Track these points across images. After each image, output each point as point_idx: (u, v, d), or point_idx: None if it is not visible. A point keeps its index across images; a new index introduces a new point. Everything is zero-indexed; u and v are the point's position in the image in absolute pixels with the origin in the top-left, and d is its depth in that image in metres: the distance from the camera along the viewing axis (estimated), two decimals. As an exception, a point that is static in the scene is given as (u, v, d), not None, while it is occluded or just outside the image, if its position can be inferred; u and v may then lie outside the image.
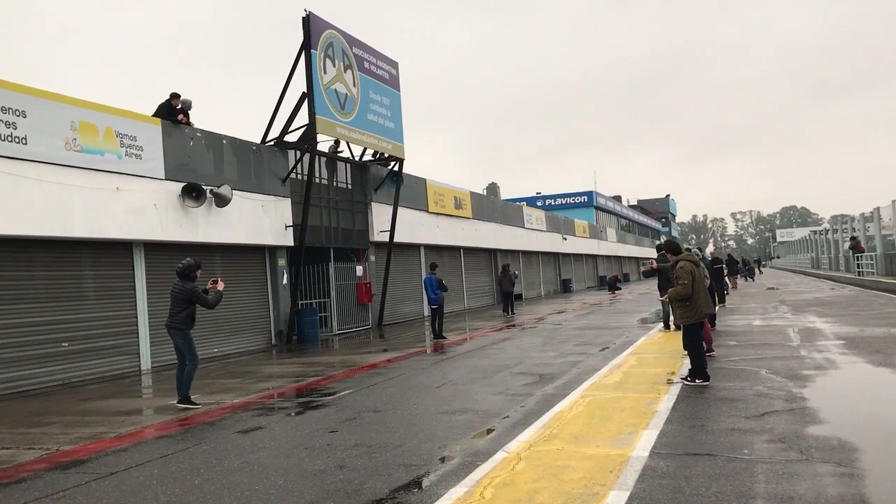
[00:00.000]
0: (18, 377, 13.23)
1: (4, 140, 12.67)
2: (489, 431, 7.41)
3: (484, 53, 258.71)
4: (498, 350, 15.11)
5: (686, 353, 11.91)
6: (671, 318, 16.45)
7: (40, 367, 13.68)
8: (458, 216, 32.38)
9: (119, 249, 15.61)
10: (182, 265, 10.56)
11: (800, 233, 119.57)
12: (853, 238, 36.02)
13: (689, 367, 9.75)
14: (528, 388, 9.94)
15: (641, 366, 11.38)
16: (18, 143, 12.91)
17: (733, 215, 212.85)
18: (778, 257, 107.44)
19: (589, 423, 7.40)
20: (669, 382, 9.51)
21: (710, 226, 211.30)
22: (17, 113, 12.94)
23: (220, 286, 10.63)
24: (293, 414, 9.27)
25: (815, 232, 71.51)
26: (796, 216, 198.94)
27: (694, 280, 9.63)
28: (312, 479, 5.98)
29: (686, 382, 9.40)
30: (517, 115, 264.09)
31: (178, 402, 10.38)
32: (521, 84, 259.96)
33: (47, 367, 13.81)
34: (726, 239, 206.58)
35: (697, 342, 9.74)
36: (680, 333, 15.89)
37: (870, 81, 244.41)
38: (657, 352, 12.99)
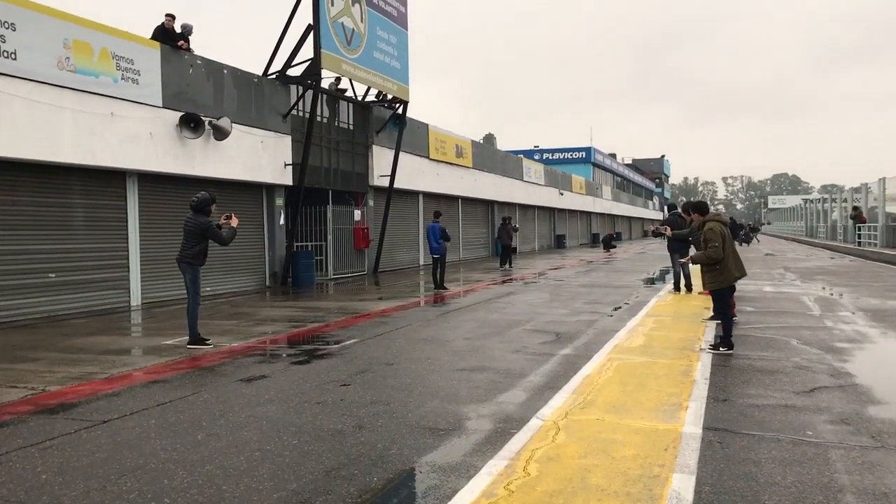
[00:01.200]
0: (1, 307, 12.53)
1: (-8, 54, 11.77)
2: (516, 394, 6.82)
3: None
4: (505, 304, 14.52)
5: (707, 319, 11.46)
6: (682, 280, 15.97)
7: (25, 297, 12.99)
8: (458, 165, 31.57)
9: (112, 178, 14.79)
10: (197, 199, 9.89)
11: (791, 200, 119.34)
12: (855, 208, 35.52)
13: (717, 333, 9.19)
14: (547, 348, 9.36)
15: (661, 329, 10.81)
16: (7, 57, 12.02)
17: (724, 180, 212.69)
18: (769, 223, 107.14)
19: (624, 391, 6.83)
20: (701, 349, 8.94)
21: (700, 189, 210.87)
22: (7, 25, 12.02)
23: (235, 222, 10.01)
24: (298, 362, 8.64)
25: (807, 200, 71.16)
26: (787, 184, 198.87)
27: (724, 242, 9.00)
28: (330, 440, 5.38)
29: (710, 350, 8.84)
30: (522, 66, 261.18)
31: (188, 343, 9.78)
32: (530, 34, 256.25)
33: (32, 298, 13.12)
34: (716, 203, 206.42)
35: (726, 308, 9.16)
36: (692, 296, 15.53)
37: (881, 49, 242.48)
38: (674, 315, 12.43)
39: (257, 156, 18.39)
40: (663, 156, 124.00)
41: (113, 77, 14.04)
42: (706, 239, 9.11)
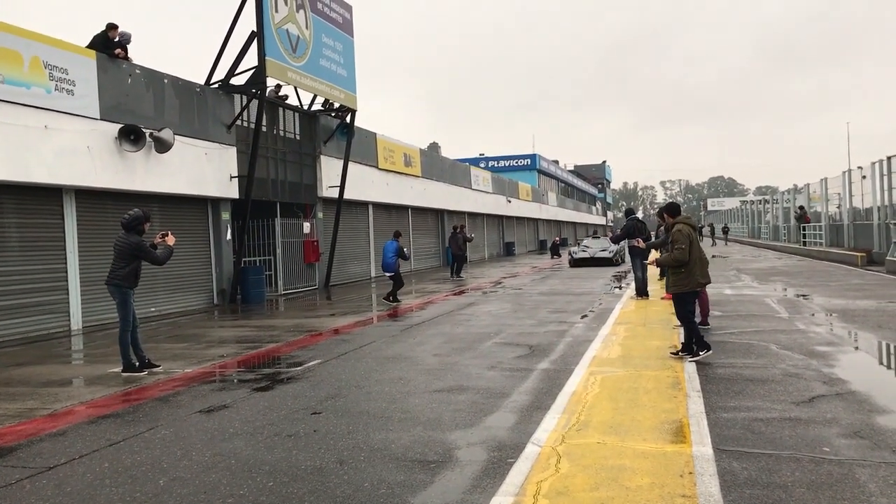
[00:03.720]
0: (-72, 338, 11.59)
1: (-89, 63, 10.86)
2: (503, 416, 6.34)
3: (446, 7, 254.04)
4: (468, 316, 14.05)
5: (677, 325, 11.16)
6: (648, 286, 15.75)
7: (-46, 326, 12.04)
8: (407, 174, 31.08)
9: (47, 195, 13.89)
10: (128, 216, 9.17)
11: (730, 202, 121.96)
12: (801, 208, 36.10)
13: (682, 340, 8.89)
14: (524, 362, 8.92)
15: (636, 337, 10.48)
16: (-72, 67, 11.12)
17: (662, 183, 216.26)
18: (709, 226, 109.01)
19: (617, 408, 6.41)
20: (677, 356, 8.60)
21: (640, 193, 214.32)
22: (-73, 32, 11.13)
23: (171, 240, 9.31)
24: (261, 388, 8.02)
25: (745, 202, 72.63)
26: (723, 186, 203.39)
27: (692, 245, 8.70)
28: (311, 481, 4.82)
29: (691, 359, 8.51)
30: (465, 75, 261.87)
31: (122, 371, 9.08)
32: (475, 45, 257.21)
33: (-38, 327, 12.17)
34: (655, 207, 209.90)
35: (690, 313, 8.84)
36: (654, 300, 15.28)
37: (838, 56, 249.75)
38: (644, 321, 12.13)
39: (201, 168, 17.61)
40: (604, 161, 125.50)
41: (46, 88, 13.17)
42: (673, 240, 8.81)
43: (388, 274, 17.56)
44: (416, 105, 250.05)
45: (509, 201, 49.36)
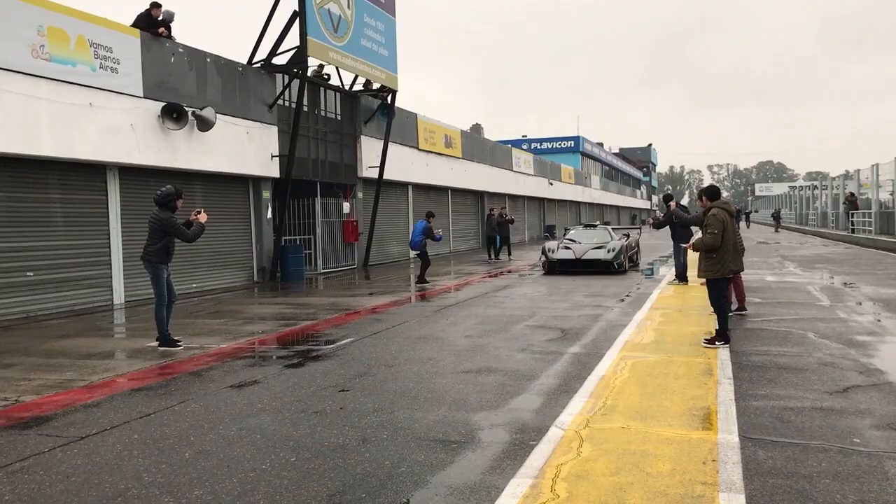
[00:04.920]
0: (-24, 309, 11.94)
1: (-39, 41, 11.12)
2: (529, 399, 6.33)
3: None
4: (503, 298, 14.02)
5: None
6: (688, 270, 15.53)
7: (1, 297, 12.37)
8: (447, 155, 31.01)
9: (91, 172, 14.17)
10: (160, 193, 9.35)
11: (778, 188, 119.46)
12: (851, 195, 35.22)
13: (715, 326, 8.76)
14: (555, 345, 8.87)
15: (670, 323, 10.36)
16: (-23, 45, 11.37)
17: (710, 168, 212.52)
18: (756, 211, 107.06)
19: (645, 393, 6.35)
20: (710, 344, 8.46)
21: (686, 177, 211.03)
22: (-24, 11, 11.37)
23: (203, 218, 9.45)
24: (292, 365, 8.12)
25: (794, 188, 71.06)
26: (772, 171, 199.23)
27: (725, 231, 8.53)
28: (332, 457, 4.87)
29: (706, 345, 8.39)
30: (516, 56, 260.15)
31: (158, 346, 9.26)
32: (522, 25, 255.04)
33: (9, 299, 12.51)
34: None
35: (722, 300, 8.69)
36: (694, 286, 15.05)
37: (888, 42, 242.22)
38: (681, 307, 11.98)
39: (243, 147, 17.78)
40: (650, 144, 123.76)
41: (91, 66, 13.40)
42: (706, 224, 8.68)
43: (414, 252, 17.74)
44: (460, 86, 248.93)
45: (551, 184, 49.03)
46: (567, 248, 19.34)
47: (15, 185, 12.74)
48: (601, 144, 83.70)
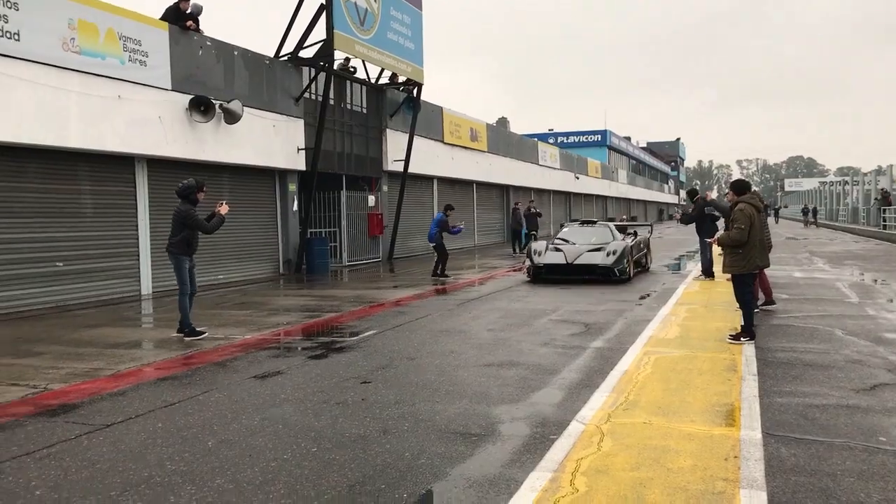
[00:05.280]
0: (8, 297, 12.13)
1: (-7, 34, 11.29)
2: (550, 393, 6.32)
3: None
4: (527, 293, 13.99)
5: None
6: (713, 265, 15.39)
7: (32, 287, 12.58)
8: (473, 148, 30.97)
9: (120, 164, 14.33)
10: (182, 185, 9.59)
11: (808, 183, 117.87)
12: (883, 191, 34.67)
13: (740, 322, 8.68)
14: (578, 340, 8.84)
15: (696, 318, 10.27)
16: (10, 38, 11.54)
17: (739, 162, 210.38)
18: (786, 206, 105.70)
19: (668, 389, 6.31)
20: (736, 340, 8.38)
21: (715, 172, 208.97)
22: (10, 4, 11.53)
23: (224, 210, 9.55)
24: (315, 356, 8.17)
25: (825, 183, 70.08)
26: (802, 166, 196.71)
27: (752, 226, 8.43)
28: (353, 448, 4.90)
29: (731, 341, 8.32)
30: (543, 50, 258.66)
31: (183, 335, 9.37)
32: (545, 21, 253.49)
33: (40, 288, 12.71)
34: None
35: (748, 295, 8.60)
36: (720, 282, 14.91)
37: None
38: (706, 303, 11.88)
39: (269, 140, 17.89)
40: (678, 139, 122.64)
41: (120, 59, 13.55)
42: (733, 219, 8.57)
43: (431, 245, 17.76)
44: (487, 80, 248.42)
45: (577, 178, 48.81)
46: (558, 249, 15.91)
47: (46, 177, 12.92)
48: (629, 138, 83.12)
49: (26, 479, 4.43)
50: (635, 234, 18.15)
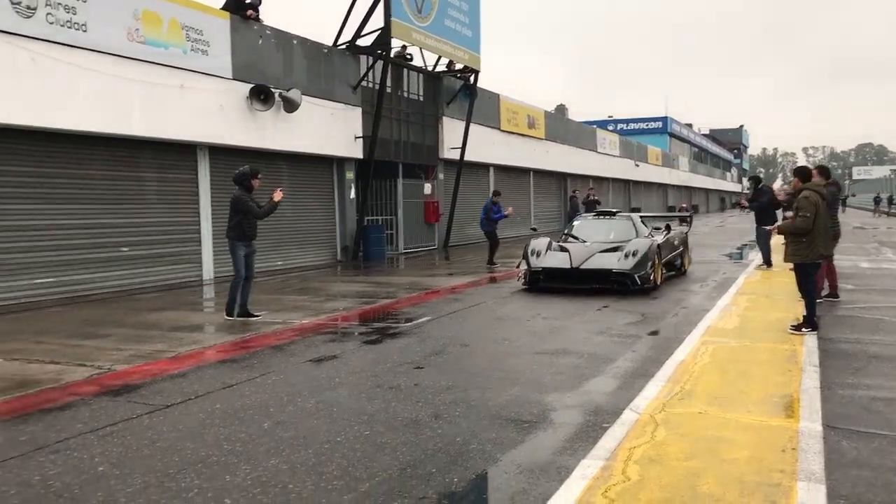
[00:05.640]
0: (75, 281, 12.53)
1: (63, 26, 11.62)
2: (604, 382, 6.26)
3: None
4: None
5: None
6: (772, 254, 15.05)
7: (98, 271, 12.97)
8: (530, 136, 30.77)
9: (183, 151, 14.65)
10: (237, 172, 9.88)
11: (879, 171, 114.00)
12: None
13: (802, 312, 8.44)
14: (634, 329, 8.74)
15: (756, 308, 10.05)
16: (78, 29, 11.86)
17: (805, 150, 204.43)
18: (853, 195, 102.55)
19: (725, 379, 6.20)
20: (797, 330, 8.17)
21: (779, 160, 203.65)
22: (77, -4, 11.85)
23: (277, 196, 9.74)
24: (370, 342, 8.26)
25: (897, 171, 67.63)
26: (872, 154, 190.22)
27: (817, 214, 8.18)
28: (405, 432, 4.94)
29: (792, 331, 8.10)
30: (605, 36, 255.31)
31: (237, 315, 9.73)
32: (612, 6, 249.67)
33: (105, 272, 13.09)
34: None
35: (810, 286, 8.36)
36: (783, 271, 14.53)
37: None
38: (767, 292, 11.62)
39: (327, 128, 18.07)
40: (742, 125, 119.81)
41: (182, 48, 13.83)
42: (798, 207, 8.32)
43: (484, 232, 17.63)
44: (545, 66, 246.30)
45: (637, 165, 48.12)
46: (562, 249, 12.72)
47: (112, 164, 13.29)
48: (690, 125, 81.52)
49: (90, 455, 4.59)
50: (668, 228, 14.78)
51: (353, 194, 19.63)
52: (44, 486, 4.08)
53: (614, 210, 15.34)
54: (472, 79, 24.03)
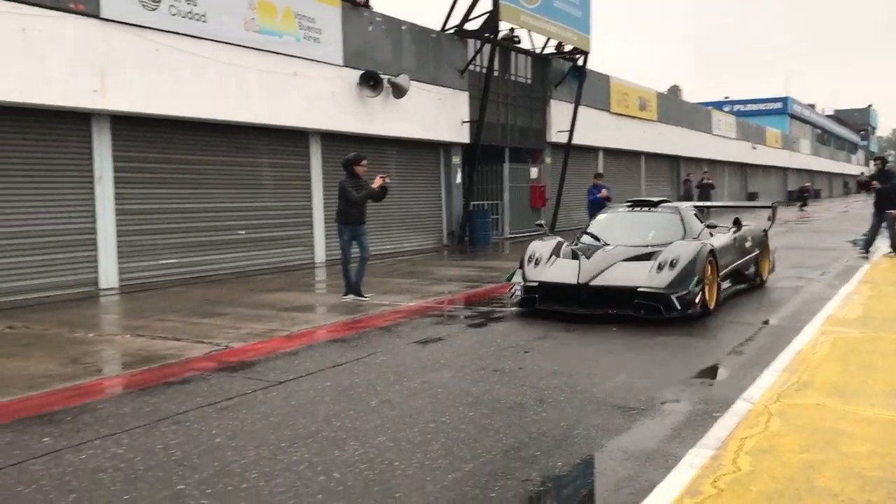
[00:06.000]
0: (196, 262, 13.13)
1: (185, 17, 12.16)
2: (716, 370, 6.08)
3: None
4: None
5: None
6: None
7: (217, 253, 13.56)
8: (641, 118, 30.06)
9: (295, 138, 15.10)
10: (345, 158, 10.15)
11: None
12: None
13: None
14: (750, 317, 8.43)
15: (882, 298, 9.53)
16: (198, 20, 12.38)
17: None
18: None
19: (846, 370, 5.90)
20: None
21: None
22: (197, -12, 12.36)
23: (376, 183, 9.98)
24: (475, 325, 8.31)
25: None
26: None
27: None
28: (509, 415, 4.94)
29: None
30: (723, 14, 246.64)
31: (345, 294, 10.06)
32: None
33: (224, 254, 13.67)
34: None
35: None
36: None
37: None
38: (894, 281, 10.97)
39: (435, 113, 18.21)
40: (870, 105, 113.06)
41: (295, 36, 14.21)
42: None
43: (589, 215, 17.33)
44: (658, 46, 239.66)
45: (754, 148, 46.25)
46: (573, 256, 9.08)
47: (230, 150, 13.84)
48: (812, 106, 77.57)
49: (208, 427, 4.81)
50: (736, 224, 10.46)
51: (459, 179, 19.73)
52: (166, 455, 4.31)
53: (655, 199, 10.79)
54: (581, 60, 23.65)
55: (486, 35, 18.82)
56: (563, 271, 8.65)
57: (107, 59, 11.13)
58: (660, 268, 8.13)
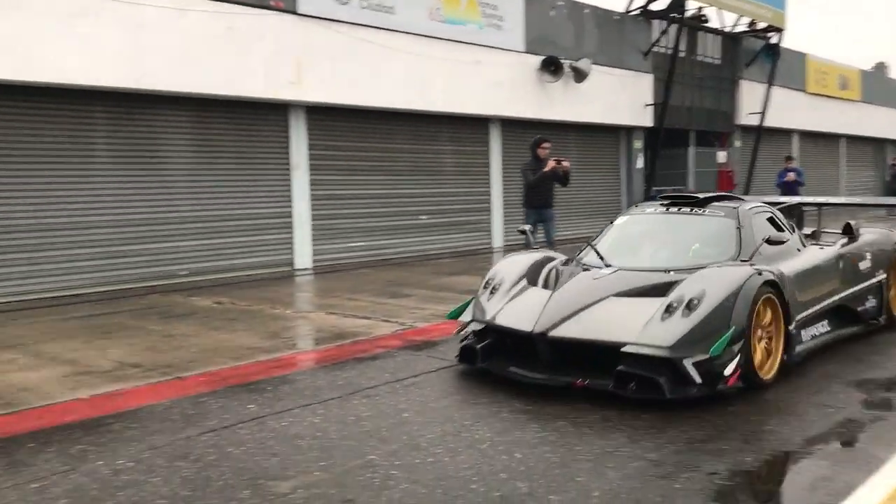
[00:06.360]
0: (380, 245, 13.70)
1: (374, 10, 12.66)
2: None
3: None
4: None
5: None
6: None
7: (400, 237, 14.06)
8: (842, 98, 27.89)
9: (476, 124, 15.34)
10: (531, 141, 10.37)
11: None
12: None
13: None
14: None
15: None
16: (386, 12, 12.86)
17: None
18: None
19: None
20: None
21: None
22: (385, -19, 12.84)
23: (549, 166, 10.01)
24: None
25: None
26: None
27: None
28: (693, 408, 4.77)
29: None
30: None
31: None
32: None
33: (406, 238, 14.16)
34: None
35: None
36: None
37: None
38: None
39: (615, 97, 17.84)
40: None
41: (478, 24, 14.41)
42: None
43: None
44: (867, 18, 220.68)
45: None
46: (544, 286, 5.88)
47: (413, 137, 14.30)
48: None
49: (395, 401, 5.05)
50: (847, 233, 7.06)
51: (640, 164, 19.25)
52: (357, 426, 4.57)
53: (700, 195, 6.82)
54: (775, 38, 22.31)
55: (673, 15, 18.19)
56: (525, 309, 5.48)
57: (302, 52, 11.81)
58: (669, 310, 4.92)
